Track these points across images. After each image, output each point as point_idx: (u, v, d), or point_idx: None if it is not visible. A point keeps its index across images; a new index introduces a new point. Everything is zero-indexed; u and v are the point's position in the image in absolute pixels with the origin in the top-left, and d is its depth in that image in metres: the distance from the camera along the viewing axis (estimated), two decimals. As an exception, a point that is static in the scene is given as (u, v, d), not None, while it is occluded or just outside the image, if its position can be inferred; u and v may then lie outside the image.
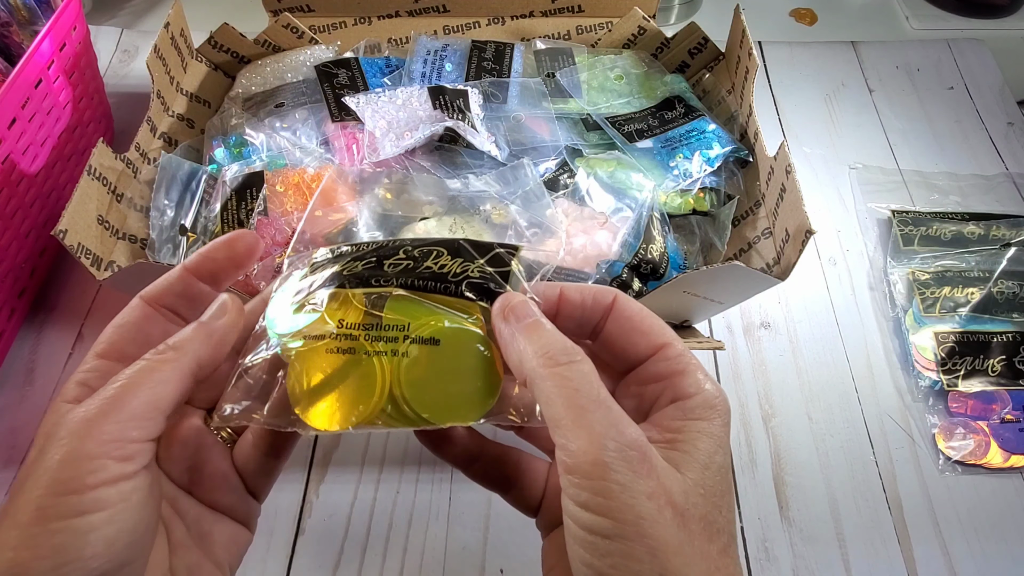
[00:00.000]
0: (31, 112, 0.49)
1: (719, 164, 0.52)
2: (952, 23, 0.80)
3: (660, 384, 0.25)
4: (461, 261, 0.26)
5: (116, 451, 0.21)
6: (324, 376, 0.25)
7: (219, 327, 0.25)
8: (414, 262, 0.26)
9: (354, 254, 0.27)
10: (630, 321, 0.26)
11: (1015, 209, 0.63)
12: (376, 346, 0.25)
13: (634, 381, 0.26)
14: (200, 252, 0.27)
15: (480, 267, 0.26)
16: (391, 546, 0.45)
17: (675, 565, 0.20)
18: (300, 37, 0.61)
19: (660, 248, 0.48)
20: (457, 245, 0.26)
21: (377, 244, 0.27)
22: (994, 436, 0.49)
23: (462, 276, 0.25)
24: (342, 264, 0.26)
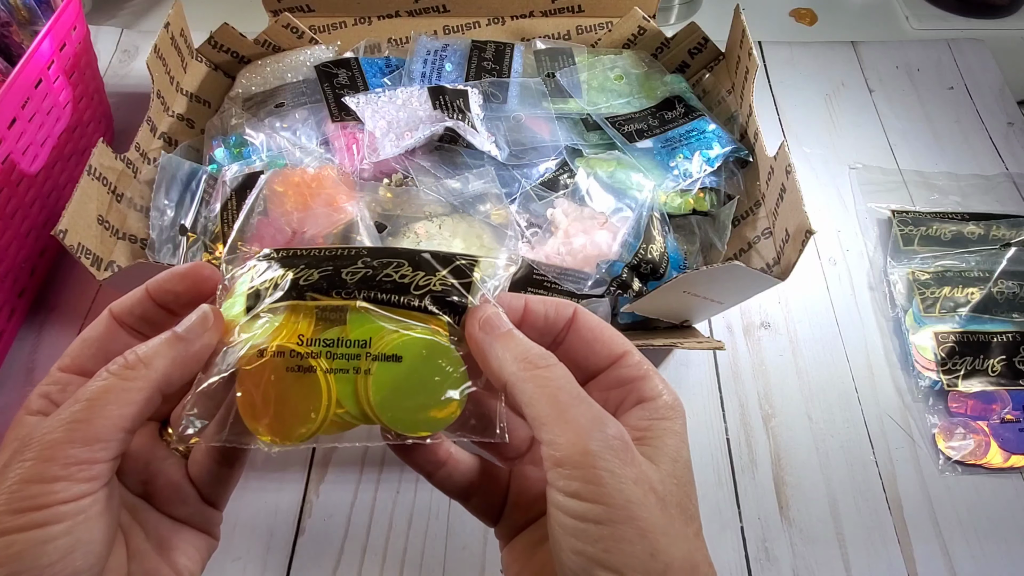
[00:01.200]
0: (31, 112, 0.49)
1: (719, 164, 0.52)
2: (952, 23, 0.80)
3: (623, 388, 0.26)
4: (423, 274, 0.26)
5: (79, 473, 0.22)
6: (278, 392, 0.25)
7: (195, 345, 0.25)
8: (373, 271, 0.25)
9: (307, 259, 0.26)
10: (591, 332, 0.27)
11: (1015, 209, 0.63)
12: (334, 363, 0.25)
13: (596, 387, 0.27)
14: (159, 278, 0.27)
15: (442, 279, 0.26)
16: (391, 546, 0.45)
17: (663, 544, 0.22)
18: (300, 37, 0.61)
19: (660, 248, 0.48)
20: (417, 257, 0.26)
21: (333, 252, 0.26)
22: (994, 436, 0.49)
23: (424, 289, 0.25)
24: (296, 271, 0.26)
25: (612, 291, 0.47)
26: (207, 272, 0.27)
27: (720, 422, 0.51)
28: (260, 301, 0.26)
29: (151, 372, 0.24)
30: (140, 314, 0.27)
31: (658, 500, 0.22)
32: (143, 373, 0.24)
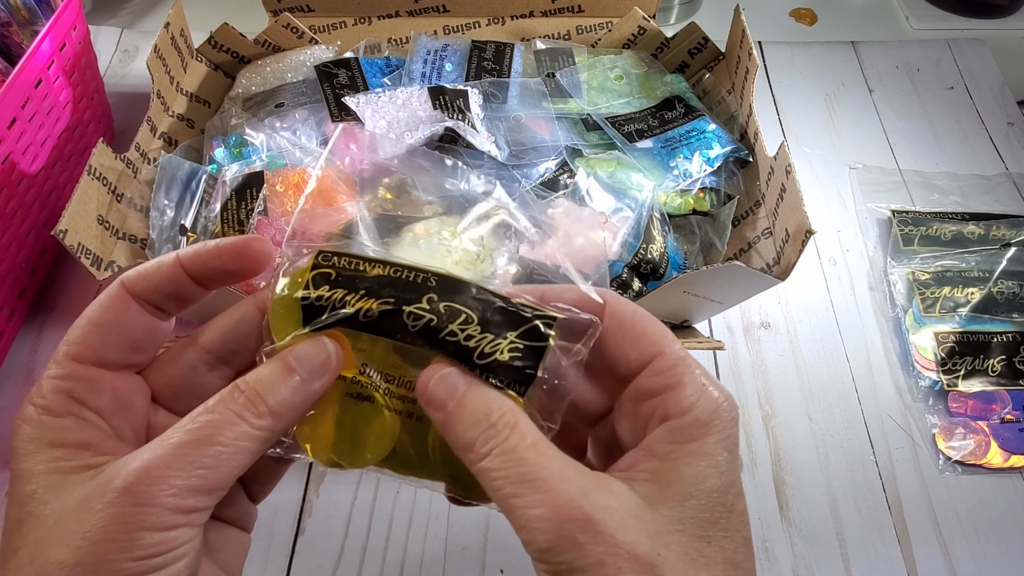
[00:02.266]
0: (31, 112, 0.49)
1: (719, 164, 0.52)
2: (952, 23, 0.80)
3: (653, 402, 0.23)
4: (491, 339, 0.22)
5: (197, 519, 0.21)
6: (337, 415, 0.24)
7: (317, 389, 0.23)
8: (438, 319, 0.23)
9: (370, 280, 0.23)
10: (621, 328, 0.24)
11: (1015, 209, 0.63)
12: (393, 403, 0.24)
13: (629, 398, 0.24)
14: (200, 250, 0.24)
15: (512, 345, 0.23)
16: (391, 546, 0.45)
17: None
18: (300, 37, 0.61)
19: (660, 248, 0.48)
20: (488, 311, 0.23)
21: (398, 272, 0.23)
22: (994, 436, 0.49)
23: (490, 358, 0.22)
24: (356, 297, 0.23)
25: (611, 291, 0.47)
26: (261, 248, 0.24)
27: (720, 422, 0.51)
28: (317, 317, 0.23)
29: (277, 423, 0.22)
30: (171, 291, 0.24)
31: (640, 569, 0.19)
32: (269, 424, 0.22)
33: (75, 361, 0.23)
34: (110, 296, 0.24)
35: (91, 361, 0.23)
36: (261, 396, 0.22)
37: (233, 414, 0.21)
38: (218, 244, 0.24)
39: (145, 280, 0.24)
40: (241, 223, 0.48)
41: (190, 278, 0.24)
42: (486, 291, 0.23)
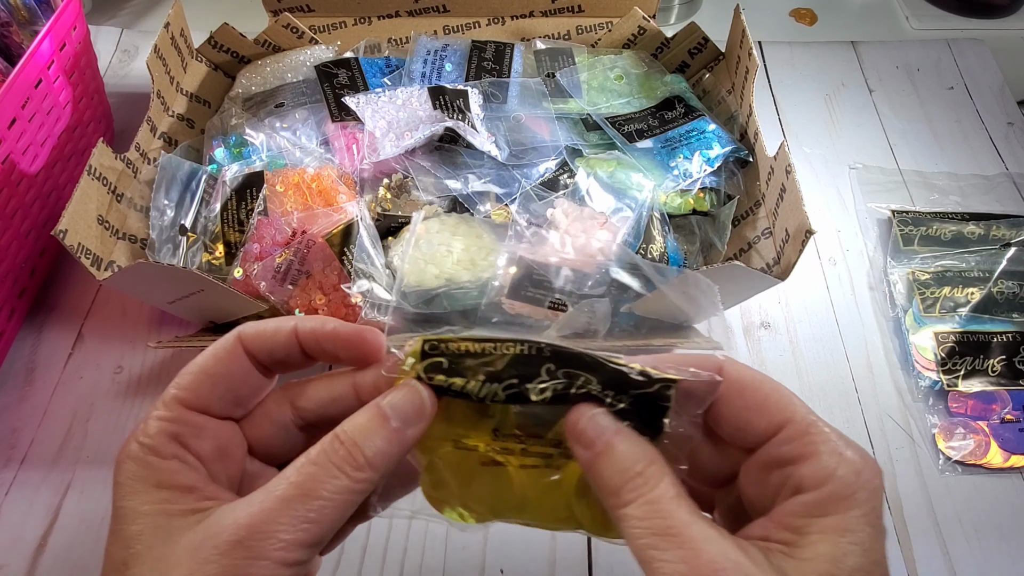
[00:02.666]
0: (31, 112, 0.49)
1: (719, 164, 0.52)
2: (952, 23, 0.80)
3: (783, 472, 0.22)
4: (613, 394, 0.23)
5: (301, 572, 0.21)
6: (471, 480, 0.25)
7: (411, 437, 0.23)
8: (563, 385, 0.23)
9: (483, 361, 0.23)
10: (743, 395, 0.23)
11: (1015, 209, 0.63)
12: (526, 460, 0.25)
13: (756, 465, 0.23)
14: (318, 329, 0.25)
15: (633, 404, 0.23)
16: (391, 546, 0.45)
17: None
18: (300, 37, 0.61)
19: (660, 248, 0.48)
20: (607, 377, 0.23)
21: (508, 349, 0.23)
22: (994, 436, 0.49)
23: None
24: (478, 384, 0.23)
25: (612, 291, 0.47)
26: (374, 340, 0.25)
27: (720, 422, 0.51)
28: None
29: (374, 474, 0.22)
30: (282, 358, 0.25)
31: None
32: (368, 476, 0.22)
33: (183, 406, 0.24)
34: (225, 348, 0.25)
35: (197, 408, 0.24)
36: (359, 446, 0.22)
37: (334, 467, 0.22)
38: (336, 330, 0.25)
39: (260, 340, 0.25)
40: (241, 223, 0.48)
41: (302, 350, 0.25)
42: (597, 358, 0.23)
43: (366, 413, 0.23)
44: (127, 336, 0.54)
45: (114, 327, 0.54)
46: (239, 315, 0.49)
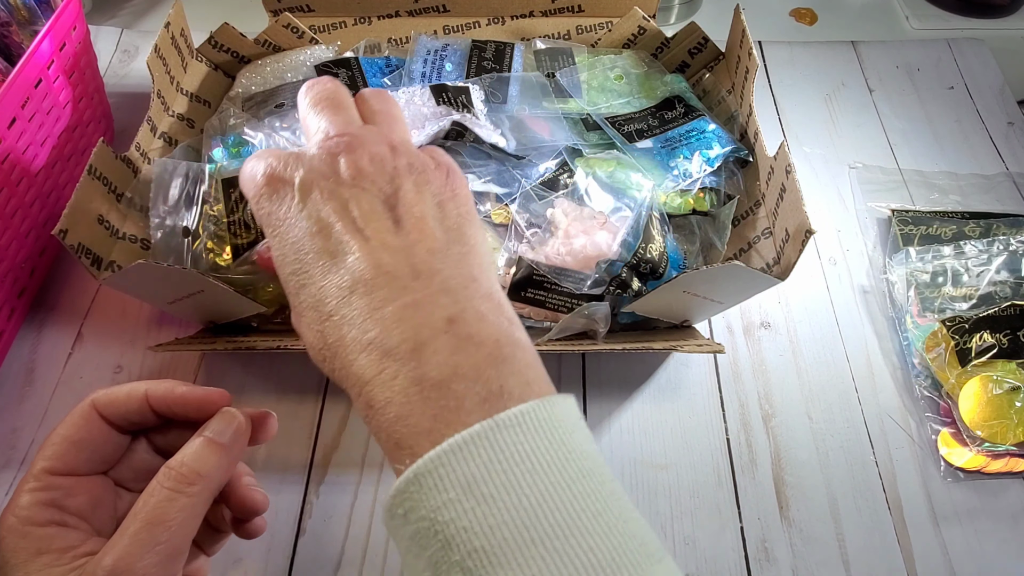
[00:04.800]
0: (31, 112, 0.49)
1: (719, 164, 0.52)
2: (952, 23, 0.80)
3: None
4: None
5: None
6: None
7: (235, 452, 0.29)
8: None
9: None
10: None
11: (1015, 209, 0.63)
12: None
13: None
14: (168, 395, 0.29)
15: None
16: (391, 546, 0.45)
17: None
18: (300, 37, 0.61)
19: (659, 248, 0.48)
20: None
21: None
22: (994, 436, 0.49)
23: None
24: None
25: (611, 291, 0.47)
26: (219, 401, 0.30)
27: (720, 422, 0.51)
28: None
29: (210, 484, 0.27)
30: (137, 420, 0.29)
31: None
32: (204, 486, 0.27)
33: (51, 475, 0.27)
34: (83, 416, 0.29)
35: (65, 472, 0.28)
36: (191, 468, 0.27)
37: (170, 491, 0.26)
38: (184, 395, 0.29)
39: (114, 407, 0.29)
40: (247, 225, 0.48)
41: (155, 414, 0.29)
42: None
43: (193, 444, 0.28)
44: (127, 336, 0.54)
45: (114, 327, 0.54)
46: (239, 315, 0.49)
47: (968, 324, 0.51)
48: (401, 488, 0.22)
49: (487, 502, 0.21)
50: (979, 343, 0.50)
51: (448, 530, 0.21)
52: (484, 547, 0.21)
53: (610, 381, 0.52)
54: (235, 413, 0.29)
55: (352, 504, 0.47)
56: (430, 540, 0.21)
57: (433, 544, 0.21)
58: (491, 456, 0.22)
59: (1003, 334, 0.51)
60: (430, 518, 0.21)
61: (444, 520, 0.21)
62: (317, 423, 0.50)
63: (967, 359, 0.50)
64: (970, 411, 0.48)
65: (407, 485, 0.22)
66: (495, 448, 0.22)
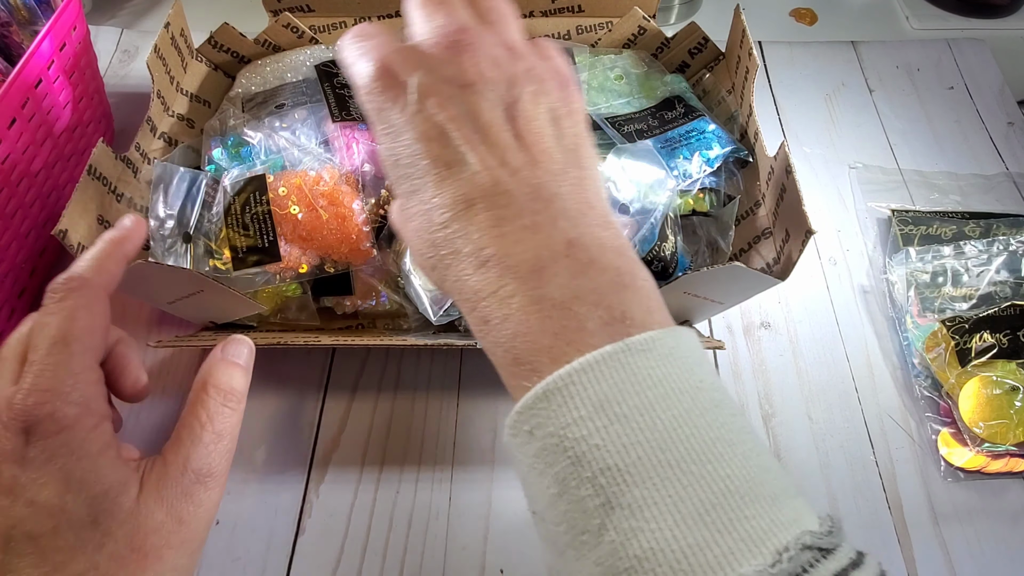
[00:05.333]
0: (31, 112, 0.49)
1: (719, 164, 0.52)
2: (952, 23, 0.80)
3: None
4: None
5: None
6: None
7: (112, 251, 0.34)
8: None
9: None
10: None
11: (1015, 209, 0.63)
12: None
13: None
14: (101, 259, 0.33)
15: None
16: (391, 546, 0.45)
17: None
18: (300, 37, 0.61)
19: (672, 247, 0.48)
20: None
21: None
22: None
23: None
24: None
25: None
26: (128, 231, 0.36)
27: (720, 422, 0.51)
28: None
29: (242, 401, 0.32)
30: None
31: None
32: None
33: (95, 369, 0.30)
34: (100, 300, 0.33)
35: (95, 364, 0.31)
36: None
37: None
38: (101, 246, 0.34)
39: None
40: (246, 227, 0.48)
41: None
42: None
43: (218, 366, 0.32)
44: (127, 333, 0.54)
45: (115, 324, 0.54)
46: (239, 316, 0.49)
47: (968, 324, 0.51)
48: (529, 404, 0.22)
49: (620, 421, 0.21)
50: (979, 343, 0.50)
51: (580, 447, 0.21)
52: (617, 464, 0.20)
53: (610, 381, 0.52)
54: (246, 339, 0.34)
55: (352, 504, 0.47)
56: (558, 457, 0.21)
57: (561, 461, 0.21)
58: (623, 377, 0.22)
59: (1003, 334, 0.51)
60: (559, 435, 0.21)
61: (575, 436, 0.21)
62: (317, 423, 0.50)
63: (967, 359, 0.50)
64: (970, 411, 0.48)
65: (535, 401, 0.22)
66: (627, 370, 0.22)
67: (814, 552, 0.19)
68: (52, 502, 0.26)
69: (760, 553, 0.19)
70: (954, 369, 0.50)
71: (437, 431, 0.50)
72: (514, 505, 0.47)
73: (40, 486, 0.26)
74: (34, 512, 0.25)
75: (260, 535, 0.45)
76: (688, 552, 0.19)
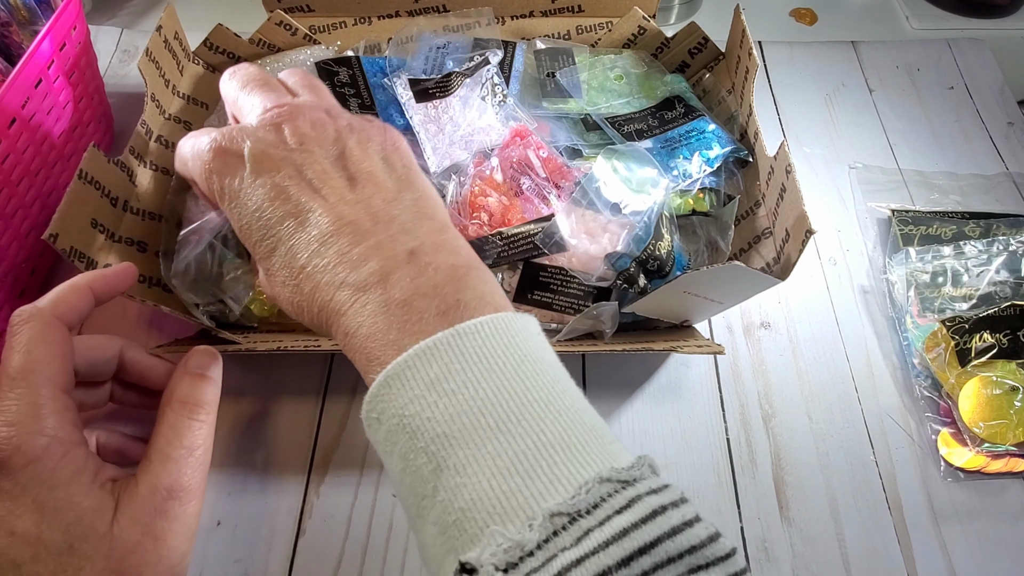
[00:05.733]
0: (31, 112, 0.49)
1: (719, 164, 0.52)
2: (952, 23, 0.80)
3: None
4: None
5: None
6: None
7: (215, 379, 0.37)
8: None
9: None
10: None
11: (1015, 209, 0.63)
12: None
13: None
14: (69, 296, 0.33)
15: None
16: (391, 546, 0.45)
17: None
18: (295, 35, 0.61)
19: (667, 246, 0.48)
20: None
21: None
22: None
23: None
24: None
25: (619, 285, 0.47)
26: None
27: (720, 422, 0.51)
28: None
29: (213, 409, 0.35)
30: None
31: None
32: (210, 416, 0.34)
33: (66, 394, 0.31)
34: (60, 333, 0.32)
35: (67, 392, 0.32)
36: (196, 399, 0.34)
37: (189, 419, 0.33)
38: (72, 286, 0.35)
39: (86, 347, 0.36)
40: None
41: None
42: None
43: (185, 379, 0.34)
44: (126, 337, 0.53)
45: (113, 328, 0.54)
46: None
47: (968, 324, 0.51)
48: (374, 393, 0.25)
49: (448, 396, 0.23)
50: (979, 343, 0.50)
51: (415, 422, 0.24)
52: (445, 432, 0.23)
53: (610, 382, 0.52)
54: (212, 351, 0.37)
55: (352, 504, 0.47)
56: (399, 435, 0.24)
57: (402, 437, 0.24)
58: (451, 358, 0.24)
59: (1003, 334, 0.51)
60: (399, 415, 0.24)
61: (411, 414, 0.24)
62: (317, 423, 0.50)
63: (967, 359, 0.50)
64: (970, 411, 0.48)
65: (379, 389, 0.25)
66: (455, 351, 0.24)
67: (613, 484, 0.22)
68: (30, 531, 0.27)
69: (564, 491, 0.22)
70: (954, 369, 0.50)
71: (437, 431, 0.50)
72: (514, 505, 0.47)
73: (16, 517, 0.27)
74: (15, 542, 0.27)
75: (261, 536, 0.45)
76: (503, 498, 0.22)
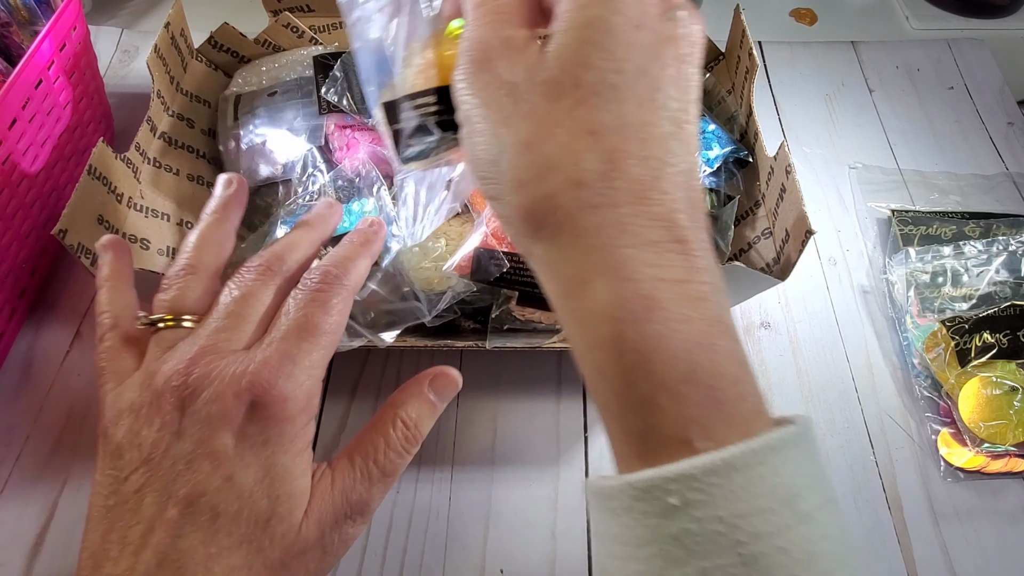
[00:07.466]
0: (31, 112, 0.49)
1: (718, 165, 0.52)
2: (952, 23, 0.80)
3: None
4: None
5: None
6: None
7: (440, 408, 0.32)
8: None
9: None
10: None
11: (1015, 209, 0.63)
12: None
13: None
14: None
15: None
16: (391, 546, 0.45)
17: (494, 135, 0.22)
18: (300, 37, 0.61)
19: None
20: None
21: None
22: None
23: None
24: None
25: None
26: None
27: (720, 422, 0.51)
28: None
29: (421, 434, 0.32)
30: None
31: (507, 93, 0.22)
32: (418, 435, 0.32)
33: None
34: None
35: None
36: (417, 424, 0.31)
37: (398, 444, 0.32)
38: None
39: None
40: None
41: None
42: None
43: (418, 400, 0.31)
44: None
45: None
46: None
47: (968, 324, 0.51)
48: (691, 473, 0.17)
49: (806, 522, 0.18)
50: (979, 343, 0.50)
51: (759, 546, 0.17)
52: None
53: (610, 381, 0.52)
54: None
55: (352, 504, 0.47)
56: (720, 550, 0.17)
57: (725, 556, 0.17)
58: (807, 467, 0.19)
59: (1003, 334, 0.51)
60: (732, 523, 0.17)
61: (754, 532, 0.17)
62: (317, 424, 0.50)
63: (967, 359, 0.50)
64: (970, 411, 0.48)
65: (706, 473, 0.17)
66: (807, 458, 0.19)
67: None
68: (247, 485, 0.24)
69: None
70: (954, 369, 0.50)
71: (437, 431, 0.50)
72: (514, 505, 0.47)
73: (244, 466, 0.25)
74: (227, 488, 0.24)
75: (260, 535, 0.45)
76: None
